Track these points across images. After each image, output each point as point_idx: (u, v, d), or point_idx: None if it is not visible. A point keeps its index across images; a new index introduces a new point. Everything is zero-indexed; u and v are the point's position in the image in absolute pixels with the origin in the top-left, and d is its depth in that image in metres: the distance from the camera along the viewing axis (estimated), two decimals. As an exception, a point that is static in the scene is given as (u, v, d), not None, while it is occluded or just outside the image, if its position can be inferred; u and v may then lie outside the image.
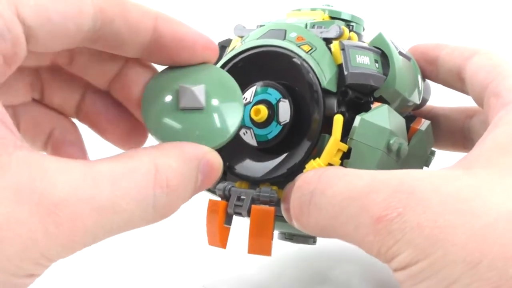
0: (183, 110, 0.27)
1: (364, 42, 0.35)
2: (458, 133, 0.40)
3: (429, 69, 0.37)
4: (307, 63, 0.32)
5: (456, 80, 0.36)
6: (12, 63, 0.24)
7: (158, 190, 0.24)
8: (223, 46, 0.37)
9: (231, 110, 0.28)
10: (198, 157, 0.26)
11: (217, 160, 0.27)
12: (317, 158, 0.31)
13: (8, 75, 0.25)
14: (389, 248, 0.26)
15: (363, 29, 0.38)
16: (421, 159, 0.36)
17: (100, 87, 0.31)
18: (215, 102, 0.28)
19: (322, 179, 0.29)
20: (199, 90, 0.27)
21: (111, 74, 0.30)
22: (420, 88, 0.37)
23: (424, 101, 0.40)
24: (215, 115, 0.28)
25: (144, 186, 0.24)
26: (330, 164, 0.31)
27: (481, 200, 0.25)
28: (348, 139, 0.31)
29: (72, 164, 0.23)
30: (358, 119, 0.31)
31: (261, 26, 0.36)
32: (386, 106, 0.32)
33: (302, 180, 0.29)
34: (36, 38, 0.25)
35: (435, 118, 0.40)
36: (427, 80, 0.39)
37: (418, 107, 0.39)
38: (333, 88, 0.32)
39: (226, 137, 0.28)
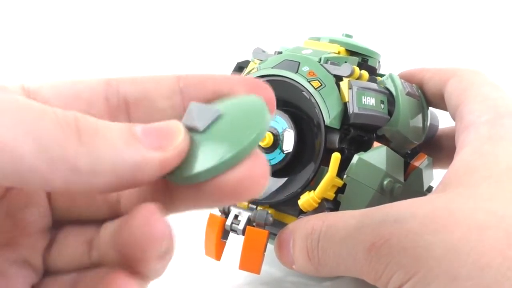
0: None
1: (376, 77, 0.37)
2: None
3: None
4: (314, 99, 0.33)
5: (441, 102, 0.38)
6: None
7: None
8: (241, 66, 0.39)
9: (234, 145, 0.20)
10: None
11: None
12: (312, 191, 0.33)
13: None
14: (382, 272, 0.28)
15: (379, 63, 0.39)
16: (418, 195, 0.38)
17: None
18: (220, 130, 0.21)
19: (325, 223, 0.31)
20: (202, 110, 0.22)
21: None
22: (425, 126, 0.38)
23: (434, 128, 0.41)
24: (209, 145, 0.21)
25: None
26: (324, 198, 0.33)
27: (453, 217, 0.28)
28: (345, 176, 0.33)
29: None
30: (356, 157, 0.33)
31: (278, 52, 0.38)
32: (385, 147, 0.34)
33: (309, 228, 0.32)
34: None
35: (437, 138, 0.42)
36: (432, 109, 0.40)
37: (429, 137, 0.40)
38: (336, 125, 0.33)
39: (204, 177, 0.20)
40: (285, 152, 0.34)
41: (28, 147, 0.18)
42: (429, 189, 0.39)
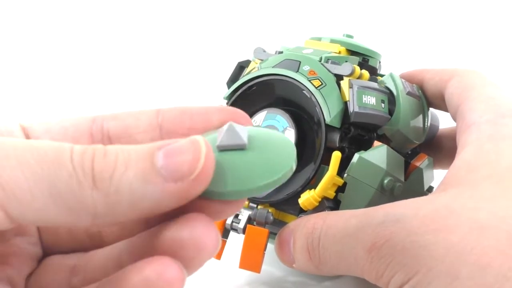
0: (221, 150, 0.22)
1: (377, 77, 0.37)
2: None
3: None
4: (315, 98, 0.34)
5: (442, 103, 0.38)
6: None
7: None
8: (242, 66, 0.39)
9: (281, 150, 0.23)
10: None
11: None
12: (313, 190, 0.33)
13: None
14: (383, 272, 0.28)
15: (379, 63, 0.39)
16: (418, 195, 0.38)
17: None
18: (260, 143, 0.22)
19: (326, 222, 0.31)
20: (241, 129, 0.22)
21: None
22: (426, 126, 0.38)
23: (435, 128, 0.41)
24: (261, 154, 0.22)
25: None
26: (324, 197, 0.33)
27: (454, 217, 0.28)
28: (345, 175, 0.33)
29: None
30: (356, 156, 0.33)
31: (279, 52, 0.38)
32: (385, 146, 0.34)
33: (310, 227, 0.32)
34: None
35: (437, 138, 0.42)
36: (432, 109, 0.40)
37: (429, 137, 0.40)
38: (337, 124, 0.33)
39: (280, 173, 0.22)
40: None
41: (46, 199, 0.19)
42: (430, 189, 0.39)
